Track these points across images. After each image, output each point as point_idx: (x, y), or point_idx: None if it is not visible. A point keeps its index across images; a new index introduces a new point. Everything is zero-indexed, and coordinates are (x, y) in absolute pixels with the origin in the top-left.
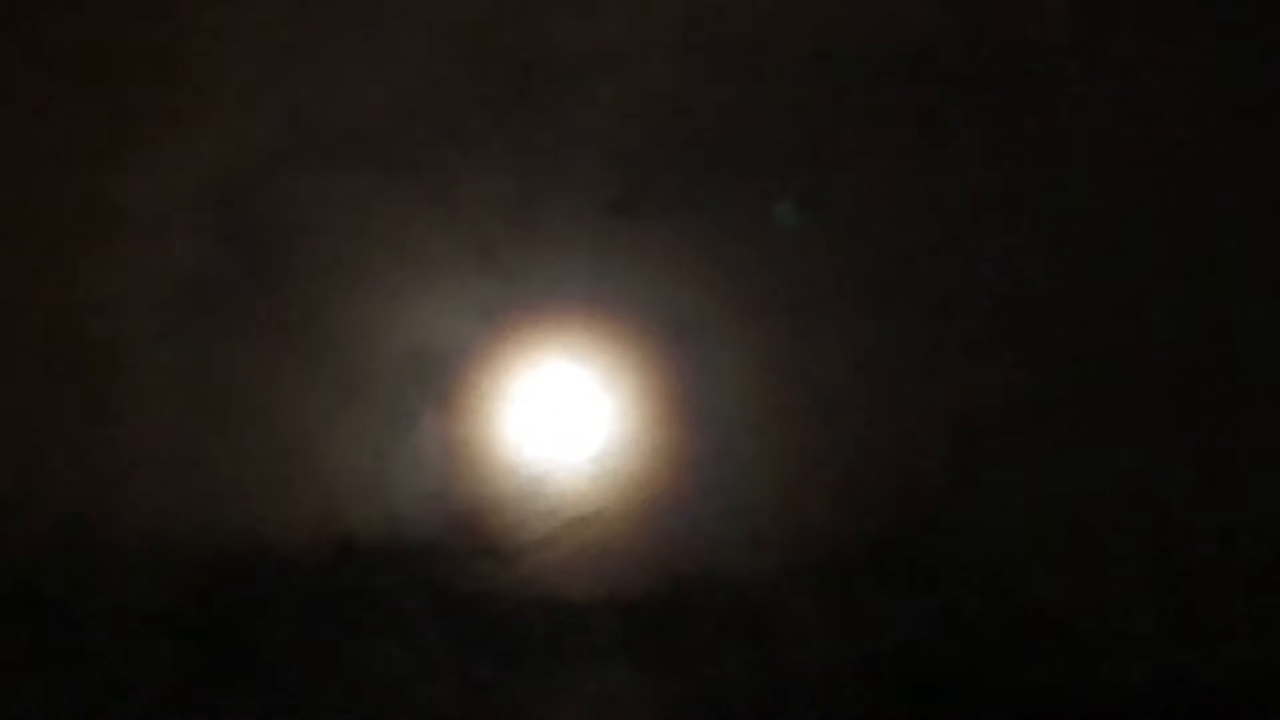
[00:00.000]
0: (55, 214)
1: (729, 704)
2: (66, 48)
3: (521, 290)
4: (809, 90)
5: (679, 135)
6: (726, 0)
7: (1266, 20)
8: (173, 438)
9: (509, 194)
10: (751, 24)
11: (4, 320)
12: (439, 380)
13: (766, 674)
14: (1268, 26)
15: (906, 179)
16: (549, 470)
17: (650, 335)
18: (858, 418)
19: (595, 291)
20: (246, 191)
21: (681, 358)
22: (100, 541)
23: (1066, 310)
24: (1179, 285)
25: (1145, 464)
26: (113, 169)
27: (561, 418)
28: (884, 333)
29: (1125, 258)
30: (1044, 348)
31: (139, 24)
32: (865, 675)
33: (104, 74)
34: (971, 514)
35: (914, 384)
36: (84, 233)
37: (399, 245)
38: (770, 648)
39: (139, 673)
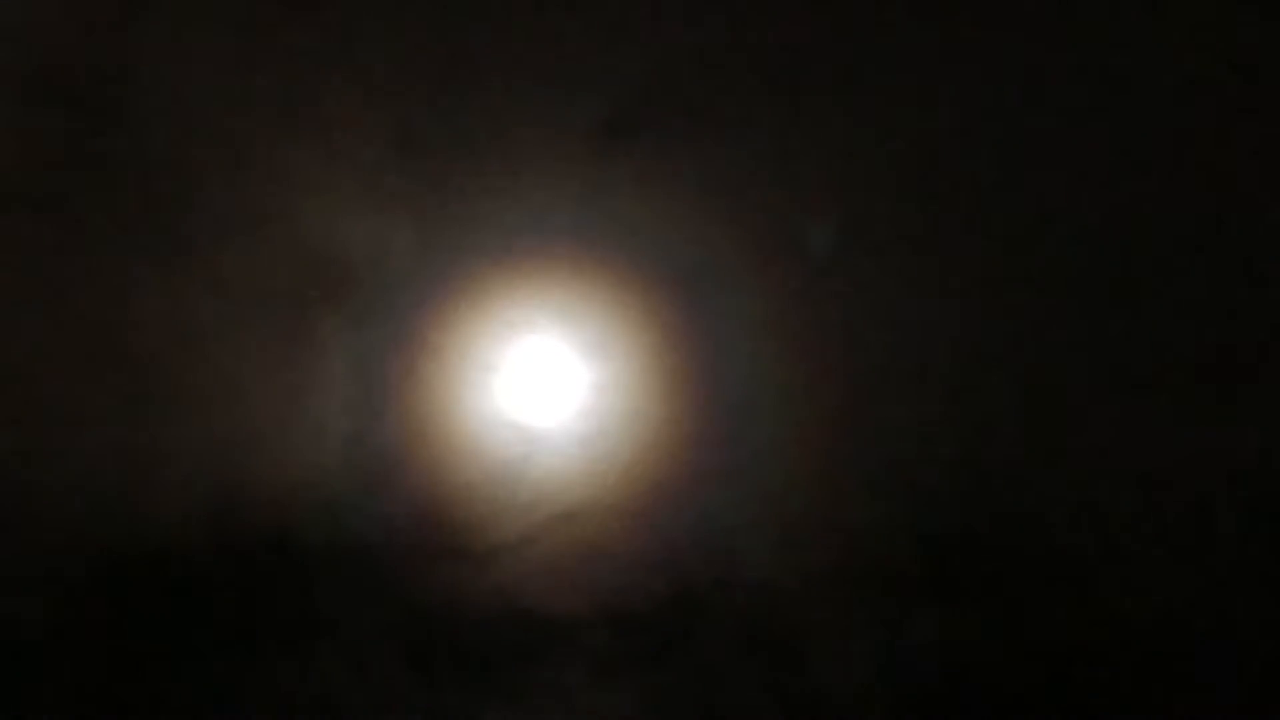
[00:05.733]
0: None
1: None
2: None
3: (461, 206)
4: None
5: (691, 37)
6: None
7: None
8: None
9: (438, 80)
10: None
11: None
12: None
13: (794, 702)
14: None
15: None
16: (526, 453)
17: (651, 285)
18: (908, 388)
19: (581, 230)
20: (85, 48)
21: (689, 313)
22: None
23: (1171, 237)
24: None
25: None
26: None
27: (541, 387)
28: (942, 278)
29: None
30: (1146, 294)
31: None
32: (915, 704)
33: None
34: (1051, 506)
35: (980, 344)
36: None
37: (293, 121)
38: (799, 670)
39: None
